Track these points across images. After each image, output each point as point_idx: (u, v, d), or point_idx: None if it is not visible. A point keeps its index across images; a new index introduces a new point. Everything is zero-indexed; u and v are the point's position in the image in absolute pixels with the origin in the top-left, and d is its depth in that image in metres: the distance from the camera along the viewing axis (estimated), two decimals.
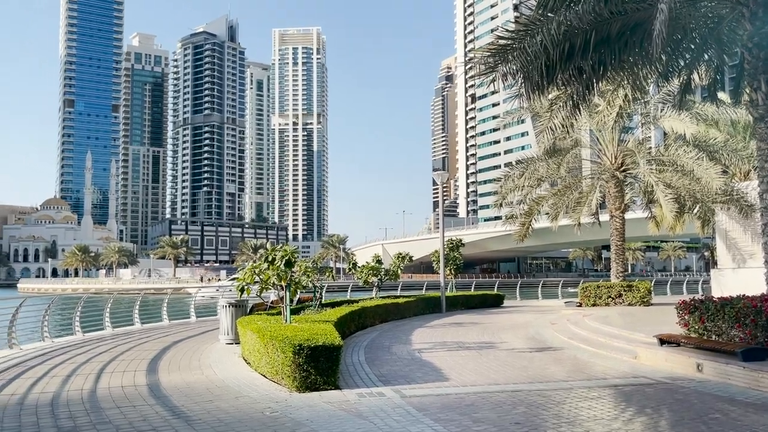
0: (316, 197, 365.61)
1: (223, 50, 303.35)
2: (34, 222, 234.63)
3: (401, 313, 26.68)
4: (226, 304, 18.31)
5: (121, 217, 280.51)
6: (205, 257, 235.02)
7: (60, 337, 20.30)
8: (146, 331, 22.02)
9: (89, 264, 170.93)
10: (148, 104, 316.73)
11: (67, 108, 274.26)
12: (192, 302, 28.38)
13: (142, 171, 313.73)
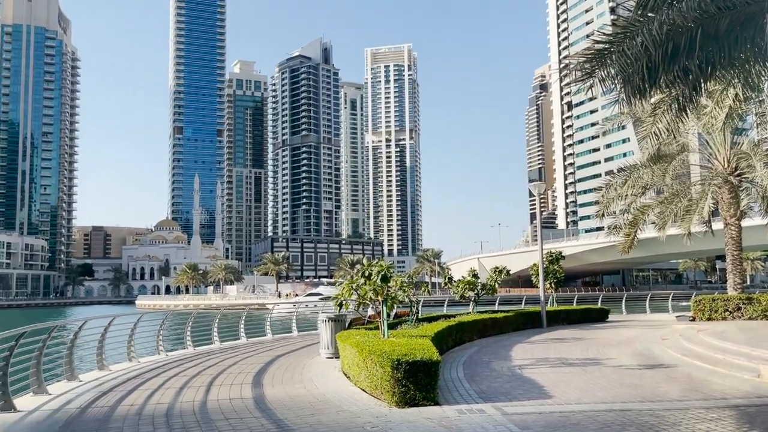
0: (410, 212, 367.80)
1: (318, 72, 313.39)
2: (149, 242, 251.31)
3: (500, 328, 26.16)
4: (326, 318, 18.69)
5: (226, 236, 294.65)
6: (305, 273, 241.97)
7: (173, 350, 21.45)
8: (251, 345, 22.86)
9: (198, 281, 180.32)
10: (249, 128, 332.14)
11: (177, 135, 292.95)
12: (268, 317, 28.56)
13: (245, 191, 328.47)
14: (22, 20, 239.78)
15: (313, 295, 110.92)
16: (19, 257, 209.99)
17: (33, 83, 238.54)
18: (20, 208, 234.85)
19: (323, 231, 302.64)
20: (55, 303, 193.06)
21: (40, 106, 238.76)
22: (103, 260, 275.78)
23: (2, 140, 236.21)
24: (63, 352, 14.66)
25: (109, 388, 13.17)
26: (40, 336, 12.60)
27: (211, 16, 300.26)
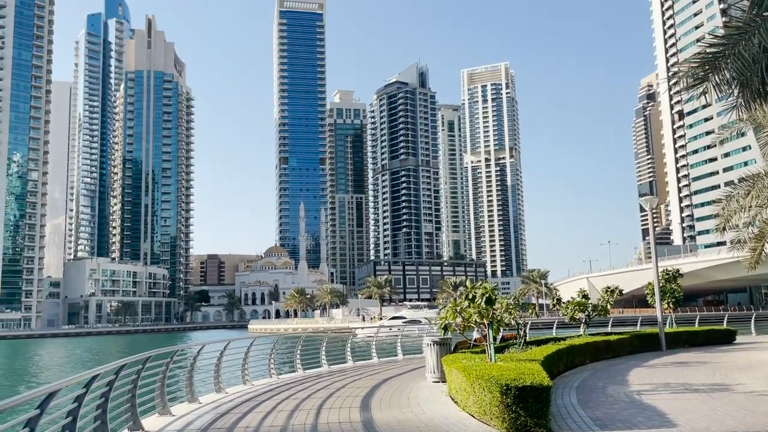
0: (512, 232, 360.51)
1: (415, 96, 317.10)
2: (259, 268, 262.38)
3: (614, 351, 24.87)
4: (431, 342, 18.57)
5: (331, 260, 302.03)
6: (408, 296, 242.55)
7: (284, 373, 22.11)
8: (358, 368, 23.12)
9: (306, 305, 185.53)
10: (350, 154, 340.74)
11: (283, 165, 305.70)
12: (349, 340, 28.07)
13: (348, 216, 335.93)
14: (142, 67, 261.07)
15: (397, 318, 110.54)
16: (143, 285, 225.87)
17: (153, 123, 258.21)
18: (144, 240, 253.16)
19: (424, 253, 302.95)
20: (176, 328, 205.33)
21: (160, 144, 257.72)
22: (218, 287, 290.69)
23: (128, 177, 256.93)
24: (184, 375, 15.48)
25: (226, 410, 13.74)
26: (163, 360, 13.40)
27: (311, 50, 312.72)
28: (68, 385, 7.38)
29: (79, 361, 79.01)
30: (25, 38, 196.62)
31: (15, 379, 61.82)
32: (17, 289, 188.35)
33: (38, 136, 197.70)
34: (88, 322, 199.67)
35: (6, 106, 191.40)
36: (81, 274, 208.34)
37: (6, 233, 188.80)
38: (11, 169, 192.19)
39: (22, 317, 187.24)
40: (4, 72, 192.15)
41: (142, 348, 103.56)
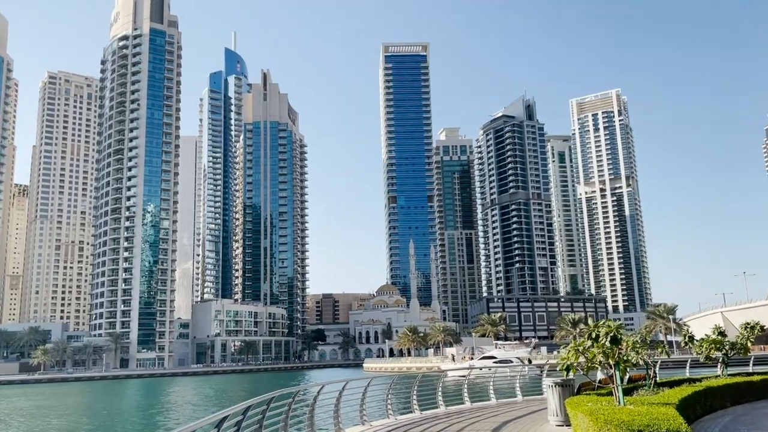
0: (634, 265, 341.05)
1: (522, 129, 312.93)
2: (372, 307, 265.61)
3: (758, 393, 22.62)
4: (552, 383, 17.82)
5: (442, 298, 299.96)
6: (524, 333, 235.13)
7: (402, 414, 21.99)
8: (476, 410, 22.55)
9: (419, 343, 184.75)
10: (457, 191, 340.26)
11: (391, 204, 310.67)
12: (491, 382, 27.33)
13: (458, 253, 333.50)
14: (259, 118, 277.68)
15: (487, 358, 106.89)
16: (264, 325, 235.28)
17: (270, 170, 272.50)
18: (264, 281, 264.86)
19: (539, 289, 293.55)
20: (295, 367, 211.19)
21: (277, 190, 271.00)
22: (333, 325, 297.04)
23: (248, 222, 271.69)
24: (305, 414, 15.83)
25: None
26: (285, 400, 13.79)
27: (416, 91, 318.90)
28: (202, 426, 7.77)
29: (208, 400, 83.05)
30: (157, 99, 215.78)
31: (153, 416, 65.89)
32: (152, 330, 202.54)
33: (168, 188, 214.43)
34: (214, 361, 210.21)
35: (141, 162, 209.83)
36: (207, 315, 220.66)
37: (142, 278, 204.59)
38: (146, 219, 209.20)
39: (156, 356, 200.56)
40: (139, 131, 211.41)
41: (264, 387, 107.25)
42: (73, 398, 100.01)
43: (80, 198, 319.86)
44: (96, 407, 79.31)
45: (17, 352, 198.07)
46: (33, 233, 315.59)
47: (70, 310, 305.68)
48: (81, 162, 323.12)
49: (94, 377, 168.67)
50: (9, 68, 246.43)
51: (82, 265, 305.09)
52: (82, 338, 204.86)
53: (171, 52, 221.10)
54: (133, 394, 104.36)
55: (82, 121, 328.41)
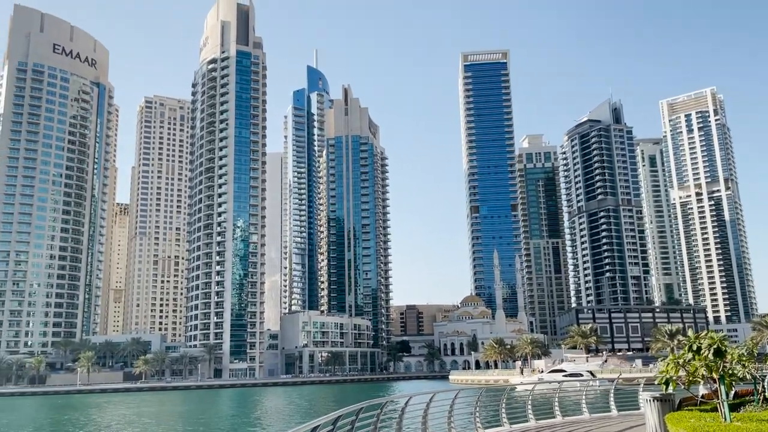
0: (736, 272, 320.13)
1: (609, 133, 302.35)
2: (456, 318, 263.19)
3: None
4: (651, 398, 16.95)
5: (529, 309, 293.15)
6: (616, 345, 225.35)
7: (490, 427, 21.56)
8: (568, 424, 21.80)
9: (506, 355, 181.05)
10: (542, 199, 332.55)
11: (474, 213, 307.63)
12: (583, 395, 26.19)
13: (544, 263, 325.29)
14: (341, 132, 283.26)
15: (556, 371, 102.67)
16: (350, 336, 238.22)
17: (352, 184, 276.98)
18: (348, 293, 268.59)
19: (632, 299, 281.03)
20: (380, 378, 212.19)
21: (359, 203, 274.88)
22: (417, 337, 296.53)
23: (332, 235, 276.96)
24: (392, 425, 15.83)
25: None
26: (374, 411, 13.85)
27: (496, 99, 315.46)
28: None
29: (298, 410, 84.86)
30: (244, 118, 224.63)
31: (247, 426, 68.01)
32: (243, 341, 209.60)
33: (256, 203, 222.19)
34: (302, 371, 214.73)
35: (230, 179, 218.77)
36: (295, 326, 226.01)
37: (233, 290, 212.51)
38: (236, 234, 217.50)
39: (248, 367, 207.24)
40: (228, 150, 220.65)
41: (350, 397, 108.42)
42: (171, 407, 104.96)
43: (175, 215, 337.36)
44: (193, 416, 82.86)
45: (121, 361, 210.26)
46: (133, 249, 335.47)
47: (167, 321, 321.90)
48: (175, 181, 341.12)
49: (191, 386, 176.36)
50: (110, 95, 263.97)
51: (177, 278, 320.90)
52: (179, 349, 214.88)
53: (256, 72, 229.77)
54: (227, 404, 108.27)
55: (175, 142, 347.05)
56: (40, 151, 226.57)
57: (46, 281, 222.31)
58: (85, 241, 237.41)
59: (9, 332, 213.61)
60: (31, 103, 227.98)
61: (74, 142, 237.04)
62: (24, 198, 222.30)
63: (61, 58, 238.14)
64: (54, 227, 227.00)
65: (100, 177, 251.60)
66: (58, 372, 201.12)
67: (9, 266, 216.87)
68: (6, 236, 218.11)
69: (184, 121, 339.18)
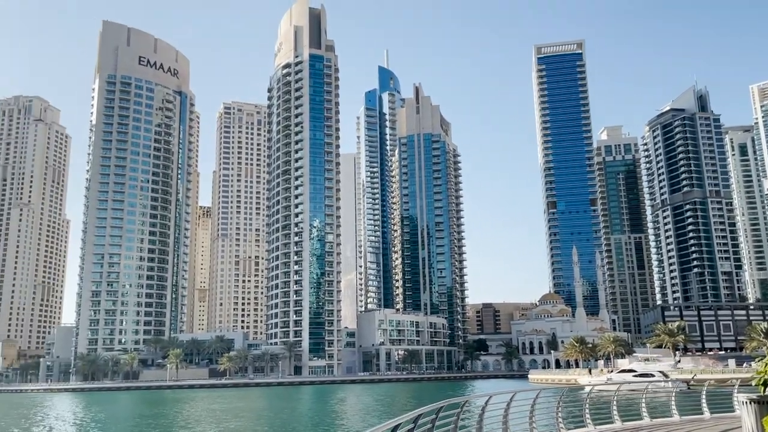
0: None
1: (695, 122, 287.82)
2: (535, 316, 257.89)
3: None
4: (747, 400, 16.00)
5: (611, 306, 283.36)
6: (706, 344, 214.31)
7: (573, 428, 21.00)
8: (656, 426, 20.93)
9: (587, 354, 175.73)
10: (623, 193, 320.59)
11: (551, 209, 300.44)
12: (673, 396, 25.05)
13: (626, 259, 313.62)
14: (413, 131, 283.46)
15: (626, 372, 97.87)
16: (426, 334, 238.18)
17: (425, 182, 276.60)
18: (423, 291, 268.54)
19: (723, 295, 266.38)
20: (457, 377, 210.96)
21: (432, 201, 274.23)
22: (494, 335, 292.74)
23: (406, 233, 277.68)
24: (470, 424, 15.67)
25: None
26: (453, 410, 13.76)
27: (572, 91, 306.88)
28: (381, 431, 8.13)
29: (377, 407, 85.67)
30: (318, 121, 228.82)
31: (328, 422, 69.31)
32: (321, 339, 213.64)
33: (331, 203, 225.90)
34: (379, 369, 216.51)
35: (306, 181, 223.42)
36: (371, 324, 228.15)
37: (311, 289, 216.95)
38: (312, 234, 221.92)
39: (326, 364, 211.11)
40: (303, 152, 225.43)
41: (428, 395, 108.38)
42: (254, 402, 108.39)
43: (254, 216, 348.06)
44: (276, 412, 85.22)
45: (206, 358, 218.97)
46: (216, 250, 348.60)
47: (249, 320, 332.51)
48: (254, 183, 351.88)
49: (272, 383, 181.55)
50: (192, 103, 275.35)
51: (258, 278, 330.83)
52: (260, 346, 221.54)
53: (329, 75, 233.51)
54: (307, 400, 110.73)
55: (253, 146, 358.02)
56: (128, 158, 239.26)
57: (137, 282, 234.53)
58: (171, 243, 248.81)
59: (105, 330, 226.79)
60: (120, 113, 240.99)
61: (159, 149, 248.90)
62: (116, 204, 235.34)
63: (145, 70, 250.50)
64: (143, 230, 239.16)
65: (184, 182, 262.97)
66: (150, 368, 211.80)
67: (103, 268, 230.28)
68: (100, 240, 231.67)
69: (261, 126, 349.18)
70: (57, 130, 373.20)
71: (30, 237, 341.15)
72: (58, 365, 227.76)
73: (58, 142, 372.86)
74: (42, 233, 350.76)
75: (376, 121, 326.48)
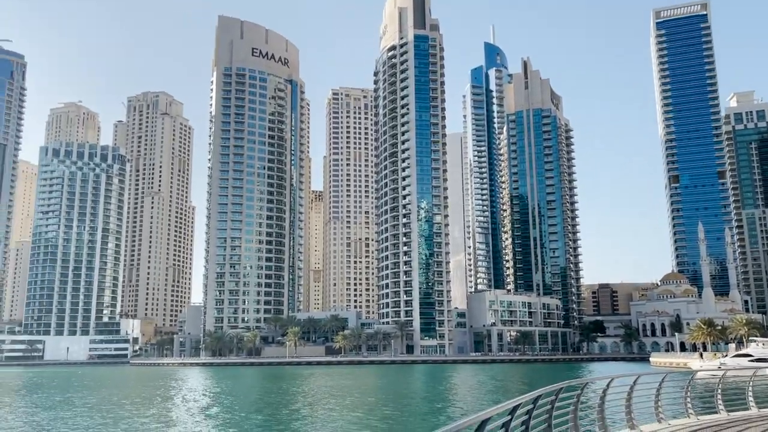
0: None
1: None
2: (656, 297, 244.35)
3: None
4: None
5: (743, 287, 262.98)
6: None
7: (703, 414, 19.83)
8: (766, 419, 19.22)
9: (716, 337, 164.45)
10: (756, 163, 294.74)
11: (673, 184, 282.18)
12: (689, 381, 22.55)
13: (760, 235, 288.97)
14: (521, 107, 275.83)
15: (741, 356, 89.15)
16: (538, 316, 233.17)
17: (535, 159, 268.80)
18: (535, 271, 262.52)
19: None
20: (572, 359, 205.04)
21: (543, 179, 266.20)
22: (612, 317, 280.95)
23: (516, 213, 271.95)
24: (594, 407, 15.18)
25: None
26: (573, 392, 13.37)
27: (696, 56, 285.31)
28: (498, 411, 8.08)
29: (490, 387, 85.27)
30: (423, 101, 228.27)
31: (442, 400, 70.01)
32: (432, 319, 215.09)
33: (438, 184, 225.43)
34: (491, 349, 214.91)
35: (413, 163, 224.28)
36: (482, 305, 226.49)
37: (420, 270, 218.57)
38: (420, 215, 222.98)
39: (438, 344, 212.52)
40: (409, 134, 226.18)
41: (541, 378, 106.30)
42: (369, 379, 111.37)
43: (363, 199, 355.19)
44: (391, 388, 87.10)
45: (322, 336, 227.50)
46: (328, 233, 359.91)
47: (361, 299, 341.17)
48: (362, 167, 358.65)
49: (385, 361, 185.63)
50: (302, 90, 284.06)
51: (369, 259, 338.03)
52: (372, 325, 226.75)
53: (434, 54, 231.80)
54: (419, 378, 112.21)
55: (361, 130, 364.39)
56: (245, 146, 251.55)
57: (257, 264, 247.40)
58: (287, 226, 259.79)
59: (229, 309, 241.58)
60: (237, 104, 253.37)
61: (273, 137, 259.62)
62: (235, 190, 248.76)
63: (258, 60, 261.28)
64: (261, 215, 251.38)
65: (297, 167, 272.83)
66: (270, 345, 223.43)
67: (226, 251, 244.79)
68: (222, 224, 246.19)
69: (368, 110, 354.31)
70: (181, 122, 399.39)
71: (161, 223, 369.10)
72: (190, 341, 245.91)
73: (182, 133, 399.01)
74: (171, 220, 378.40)
75: (482, 98, 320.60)
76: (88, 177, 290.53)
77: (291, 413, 54.16)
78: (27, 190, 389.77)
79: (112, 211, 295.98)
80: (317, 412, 55.54)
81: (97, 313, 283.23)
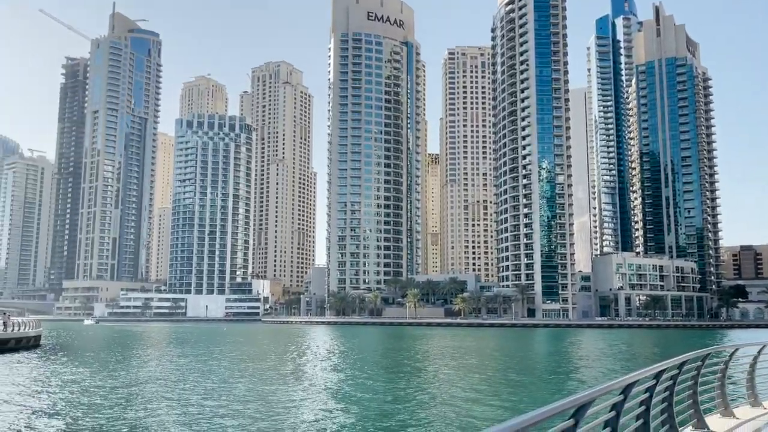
0: None
1: None
2: None
3: None
4: None
5: None
6: None
7: None
8: None
9: None
10: None
11: None
12: None
13: None
14: (653, 57, 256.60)
15: None
16: (671, 279, 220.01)
17: (668, 113, 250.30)
18: (667, 233, 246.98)
19: None
20: (709, 325, 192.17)
21: (677, 133, 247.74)
22: (755, 281, 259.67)
23: (646, 171, 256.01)
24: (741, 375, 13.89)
25: None
26: (720, 359, 12.27)
27: None
28: (645, 375, 7.64)
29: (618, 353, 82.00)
30: (544, 56, 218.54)
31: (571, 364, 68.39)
32: (554, 283, 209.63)
33: (561, 143, 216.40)
34: (618, 314, 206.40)
35: (533, 121, 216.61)
36: (608, 268, 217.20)
37: (541, 233, 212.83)
38: (541, 176, 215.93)
39: (561, 308, 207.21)
40: (529, 91, 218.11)
41: (675, 345, 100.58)
42: (491, 341, 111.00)
43: (481, 161, 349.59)
44: (514, 351, 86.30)
45: (441, 298, 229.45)
46: (445, 196, 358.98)
47: (479, 263, 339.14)
48: (480, 127, 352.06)
49: (505, 324, 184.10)
50: (417, 52, 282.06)
51: (487, 222, 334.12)
52: (492, 289, 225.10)
53: (555, 6, 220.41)
54: (542, 341, 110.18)
55: (477, 90, 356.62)
56: (363, 112, 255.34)
57: (376, 227, 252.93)
58: (404, 190, 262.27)
59: (351, 271, 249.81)
60: (354, 69, 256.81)
61: (390, 101, 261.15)
62: (354, 155, 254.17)
63: (374, 24, 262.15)
64: (378, 179, 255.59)
65: (413, 130, 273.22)
66: (390, 306, 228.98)
67: (347, 215, 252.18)
68: (343, 189, 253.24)
69: (485, 68, 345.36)
70: (301, 90, 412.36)
71: (285, 189, 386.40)
72: (315, 301, 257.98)
73: (303, 101, 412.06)
74: (295, 185, 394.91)
75: (608, 50, 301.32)
76: (219, 146, 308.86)
77: (419, 371, 55.10)
78: (166, 160, 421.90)
79: (241, 178, 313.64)
80: (446, 373, 56.06)
81: (231, 274, 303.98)
